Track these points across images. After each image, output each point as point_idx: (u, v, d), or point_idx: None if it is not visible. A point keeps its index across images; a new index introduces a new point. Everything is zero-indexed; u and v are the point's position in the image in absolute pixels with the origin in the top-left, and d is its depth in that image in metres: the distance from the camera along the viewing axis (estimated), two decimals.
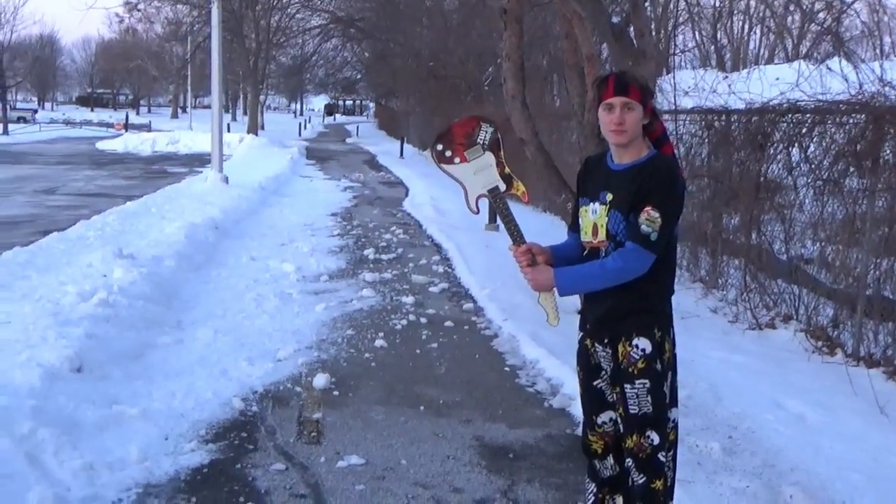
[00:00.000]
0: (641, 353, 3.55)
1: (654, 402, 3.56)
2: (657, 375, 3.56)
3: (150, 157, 36.42)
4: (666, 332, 3.61)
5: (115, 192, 20.59)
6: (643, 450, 3.61)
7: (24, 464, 4.70)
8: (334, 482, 5.00)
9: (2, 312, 7.44)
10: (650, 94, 3.61)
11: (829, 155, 8.45)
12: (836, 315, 8.10)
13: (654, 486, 3.62)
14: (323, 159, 36.50)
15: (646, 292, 3.56)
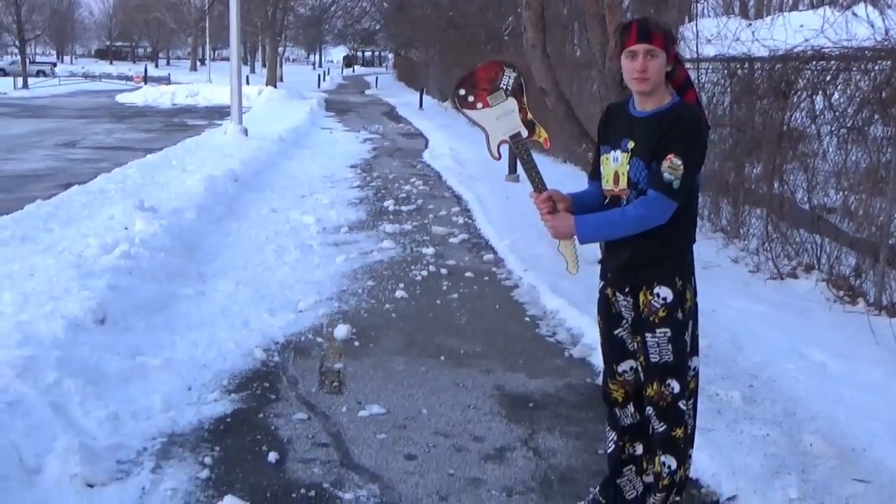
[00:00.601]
0: (662, 301, 3.53)
1: (674, 351, 3.56)
2: (678, 324, 3.55)
3: (170, 109, 36.45)
4: (687, 280, 3.59)
5: (135, 145, 20.64)
6: (664, 398, 3.62)
7: (51, 413, 4.77)
8: (356, 431, 5.05)
9: (26, 264, 7.50)
10: (673, 41, 3.54)
11: (853, 103, 8.34)
12: (859, 264, 8.05)
13: (675, 433, 3.64)
14: (342, 111, 36.38)
15: (666, 240, 3.53)
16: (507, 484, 4.45)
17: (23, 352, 5.24)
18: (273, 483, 4.40)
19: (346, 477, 4.49)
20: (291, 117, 26.84)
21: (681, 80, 3.59)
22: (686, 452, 3.72)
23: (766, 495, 4.21)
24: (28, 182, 14.47)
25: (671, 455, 3.67)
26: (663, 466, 3.69)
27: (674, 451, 3.67)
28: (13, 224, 9.25)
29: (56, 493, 4.13)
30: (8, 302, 6.33)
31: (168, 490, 4.29)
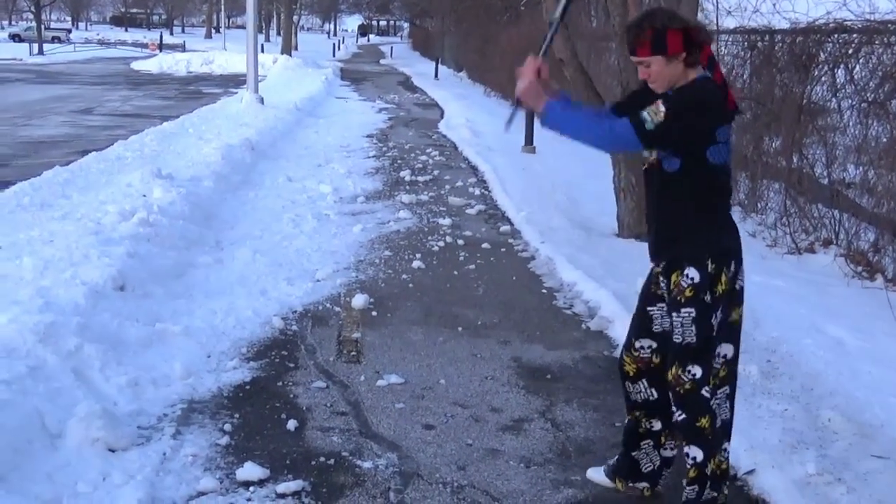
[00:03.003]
0: (690, 281, 3.48)
1: (698, 333, 3.49)
2: (705, 307, 3.48)
3: (185, 77, 36.42)
4: (724, 265, 3.50)
5: (152, 112, 20.64)
6: (681, 384, 3.56)
7: (72, 379, 4.79)
8: (374, 400, 5.07)
9: (45, 231, 7.53)
10: (660, 41, 3.39)
11: (875, 76, 8.27)
12: (878, 239, 8.01)
13: (700, 423, 3.57)
14: (357, 80, 36.29)
15: (691, 223, 3.53)
16: (524, 455, 4.46)
17: (44, 318, 5.26)
18: (292, 450, 4.42)
19: (365, 445, 4.51)
20: (307, 86, 26.80)
21: (705, 61, 3.50)
22: (716, 444, 3.61)
23: (784, 469, 4.21)
24: (45, 148, 14.49)
25: (696, 446, 3.60)
26: (687, 458, 3.64)
27: (699, 442, 3.60)
28: (32, 190, 9.28)
29: (78, 457, 4.16)
30: (28, 268, 6.36)
31: (189, 456, 4.31)
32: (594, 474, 4.22)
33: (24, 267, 6.39)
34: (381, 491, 4.06)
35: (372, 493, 4.05)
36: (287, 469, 4.22)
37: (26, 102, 22.36)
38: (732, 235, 3.61)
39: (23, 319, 5.20)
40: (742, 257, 3.62)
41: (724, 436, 3.66)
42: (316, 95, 25.00)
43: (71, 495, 3.86)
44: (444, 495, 4.04)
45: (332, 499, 3.98)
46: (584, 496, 4.09)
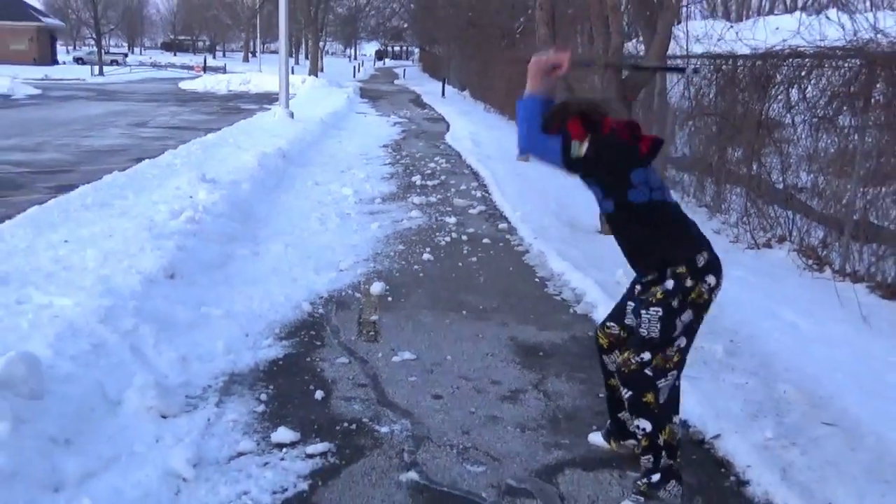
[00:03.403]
0: (663, 288, 3.48)
1: (661, 330, 3.47)
2: (671, 310, 3.46)
3: (226, 95, 36.36)
4: (700, 280, 3.48)
5: (197, 125, 20.61)
6: (628, 365, 3.55)
7: (129, 354, 4.79)
8: (390, 374, 5.06)
9: (105, 227, 7.52)
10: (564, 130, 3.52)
11: (825, 95, 8.22)
12: (826, 237, 7.98)
13: (646, 399, 3.53)
14: (375, 98, 36.22)
15: (650, 246, 3.55)
16: (520, 421, 4.45)
17: (105, 301, 5.26)
18: (320, 417, 4.41)
19: (382, 413, 4.50)
20: (331, 103, 26.74)
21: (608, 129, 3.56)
22: (663, 417, 3.56)
23: (745, 435, 4.20)
24: (105, 156, 14.48)
25: (644, 418, 3.56)
26: (638, 429, 3.60)
27: (647, 415, 3.55)
28: (94, 192, 9.27)
29: (134, 422, 4.16)
30: (91, 258, 6.35)
31: (230, 421, 4.31)
32: (595, 438, 4.22)
33: (87, 258, 6.39)
34: (396, 452, 4.05)
35: (388, 453, 4.04)
36: (315, 433, 4.21)
37: (88, 117, 22.35)
38: (695, 247, 3.55)
39: (86, 303, 5.20)
40: (721, 270, 3.59)
41: (673, 410, 3.60)
42: (339, 111, 24.94)
43: (129, 455, 3.86)
44: (451, 456, 4.03)
45: (354, 459, 3.97)
46: (571, 457, 4.07)
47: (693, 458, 3.87)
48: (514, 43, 30.56)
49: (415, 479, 3.79)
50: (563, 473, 3.91)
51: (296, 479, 3.75)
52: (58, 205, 8.46)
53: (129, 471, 3.70)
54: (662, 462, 3.59)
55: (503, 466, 3.95)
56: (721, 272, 3.58)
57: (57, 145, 15.81)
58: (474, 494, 3.68)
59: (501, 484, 3.78)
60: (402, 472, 3.84)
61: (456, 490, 3.72)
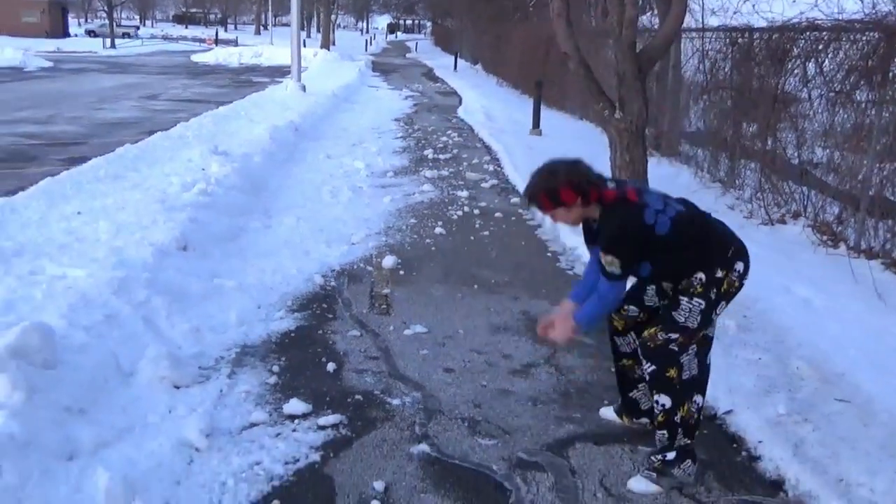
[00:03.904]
0: (699, 280, 3.44)
1: (701, 321, 3.46)
2: (711, 302, 3.45)
3: (237, 68, 36.28)
4: (730, 269, 3.47)
5: (209, 98, 20.58)
6: (654, 340, 3.50)
7: (142, 325, 4.82)
8: (402, 347, 5.07)
9: (118, 199, 7.54)
10: (554, 196, 3.46)
11: (842, 69, 8.12)
12: (841, 213, 7.92)
13: (669, 374, 3.50)
14: (386, 72, 36.07)
15: (679, 271, 3.49)
16: (531, 395, 4.45)
17: (118, 273, 5.28)
18: (331, 389, 4.42)
19: (394, 385, 4.51)
20: (343, 76, 26.65)
21: (596, 198, 3.48)
22: (686, 394, 3.53)
23: (757, 410, 4.19)
24: (117, 129, 14.49)
25: (664, 394, 3.53)
26: (657, 405, 3.57)
27: (668, 391, 3.52)
28: (106, 164, 9.29)
29: (148, 392, 4.19)
30: (104, 230, 6.37)
31: (242, 392, 4.33)
32: (606, 412, 4.22)
33: (100, 230, 6.41)
34: (407, 424, 4.06)
35: (400, 426, 4.05)
36: (327, 405, 4.23)
37: (100, 89, 22.34)
38: (731, 243, 3.54)
39: (99, 274, 5.22)
40: (748, 255, 3.56)
41: (695, 389, 3.56)
42: (351, 84, 24.85)
43: (142, 425, 3.88)
44: (462, 428, 4.04)
45: (365, 430, 3.98)
46: (582, 431, 4.08)
47: (705, 434, 3.86)
48: (528, 16, 30.36)
49: (426, 452, 3.80)
50: (574, 447, 3.91)
51: (308, 450, 3.77)
52: (70, 177, 8.48)
53: (143, 440, 3.73)
54: (678, 441, 3.57)
55: (514, 440, 3.95)
56: (748, 257, 3.56)
57: (69, 118, 15.82)
58: (485, 467, 3.69)
59: (512, 457, 3.79)
60: (414, 445, 3.85)
61: (467, 462, 3.73)
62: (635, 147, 7.92)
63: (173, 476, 3.48)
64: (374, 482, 3.51)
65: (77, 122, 15.31)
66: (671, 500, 3.51)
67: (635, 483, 3.58)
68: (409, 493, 3.46)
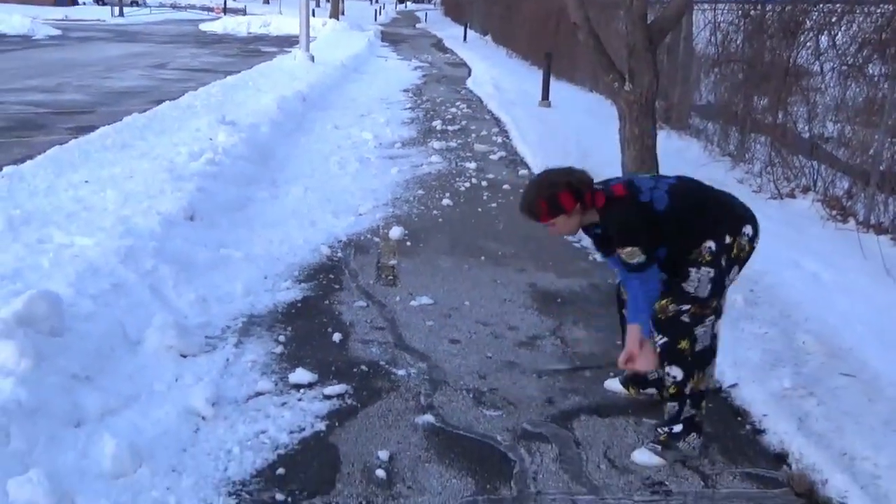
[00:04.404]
0: (709, 250, 3.41)
1: (711, 290, 3.43)
2: (721, 270, 3.42)
3: (246, 37, 36.06)
4: (738, 234, 3.44)
5: (217, 67, 20.50)
6: (665, 312, 3.48)
7: (149, 294, 4.83)
8: (408, 318, 5.08)
9: (126, 168, 7.54)
10: (554, 204, 3.45)
11: (855, 42, 8.05)
12: (851, 187, 7.88)
13: (681, 346, 3.49)
14: (396, 42, 35.85)
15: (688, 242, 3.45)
16: (537, 367, 4.46)
17: (125, 242, 5.29)
18: (337, 359, 4.44)
19: (400, 356, 4.52)
20: (352, 46, 26.49)
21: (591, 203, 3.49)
22: (697, 366, 3.52)
23: (763, 384, 4.19)
24: (125, 98, 14.45)
25: (676, 365, 3.52)
26: (668, 376, 3.57)
27: (680, 362, 3.51)
28: (114, 133, 9.28)
29: (154, 361, 4.21)
30: (112, 199, 6.38)
31: (248, 362, 4.35)
32: (611, 384, 4.23)
33: (107, 198, 6.42)
34: (413, 395, 4.08)
35: (405, 396, 4.07)
36: (333, 374, 4.24)
37: (108, 58, 22.26)
38: (736, 208, 3.53)
39: (107, 243, 5.23)
40: (756, 219, 3.53)
41: (706, 360, 3.56)
42: (360, 54, 24.70)
43: (148, 393, 3.91)
44: (468, 399, 4.06)
45: (370, 400, 4.00)
46: (587, 403, 4.09)
47: (710, 407, 3.85)
48: None
49: (431, 422, 3.82)
50: (579, 419, 3.93)
51: (313, 420, 3.79)
52: (78, 146, 8.48)
53: (149, 408, 3.75)
54: (685, 412, 3.59)
55: (519, 411, 3.97)
56: (756, 220, 3.53)
57: (77, 86, 15.79)
58: (490, 438, 3.71)
59: (517, 428, 3.80)
60: (419, 415, 3.87)
61: (471, 433, 3.75)
62: (645, 120, 7.85)
63: (179, 443, 3.50)
64: (379, 451, 3.53)
65: (85, 90, 15.28)
66: (675, 472, 3.52)
67: (639, 455, 3.60)
68: (414, 463, 3.48)
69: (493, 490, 3.31)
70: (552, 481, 3.39)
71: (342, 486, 3.29)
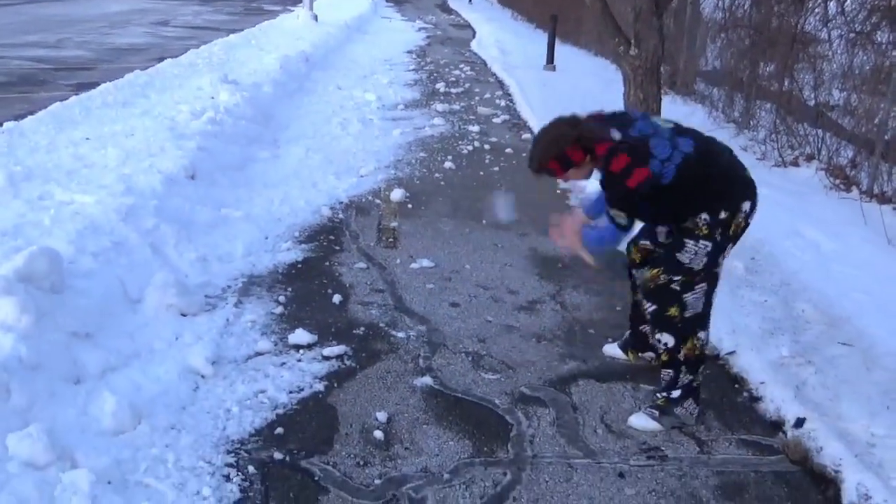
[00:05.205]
0: (704, 221, 3.36)
1: (707, 264, 3.40)
2: (717, 244, 3.39)
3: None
4: (736, 210, 3.38)
5: (220, 25, 20.32)
6: (654, 280, 3.49)
7: (150, 253, 4.83)
8: (408, 280, 5.08)
9: (127, 125, 7.50)
10: (564, 160, 3.38)
11: (864, 9, 7.97)
12: (855, 156, 7.84)
13: (670, 312, 3.48)
14: (400, 2, 35.45)
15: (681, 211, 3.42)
16: (536, 331, 4.47)
17: (126, 200, 5.27)
18: (337, 320, 4.45)
19: (399, 318, 4.53)
20: (356, 6, 26.19)
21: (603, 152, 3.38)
22: (688, 332, 3.52)
23: (761, 352, 4.20)
24: (127, 54, 14.34)
25: (667, 332, 3.53)
26: (659, 343, 3.58)
27: (670, 329, 3.52)
28: (116, 90, 9.22)
29: (154, 319, 4.21)
30: (113, 157, 6.35)
31: (248, 322, 4.36)
32: (609, 349, 4.24)
33: (108, 156, 6.39)
34: (412, 357, 4.09)
35: (404, 358, 4.08)
36: (332, 336, 4.26)
37: (110, 14, 22.06)
38: (737, 183, 3.44)
39: (107, 201, 5.22)
40: (756, 194, 3.47)
41: (698, 326, 3.54)
42: (364, 15, 24.46)
43: (148, 351, 3.92)
44: (466, 363, 4.07)
45: (369, 362, 4.02)
46: (585, 368, 4.10)
47: (707, 374, 3.87)
48: None
49: (429, 384, 3.83)
50: (577, 384, 3.94)
51: (312, 380, 3.81)
52: (79, 102, 8.44)
53: (149, 366, 3.77)
54: (682, 378, 3.59)
55: (517, 375, 3.98)
56: (755, 195, 3.47)
57: (78, 42, 15.66)
58: (487, 401, 3.73)
59: (515, 392, 3.82)
60: (417, 377, 3.89)
61: (469, 396, 3.77)
62: (649, 84, 7.79)
63: (179, 402, 3.52)
64: (377, 413, 3.55)
65: (86, 46, 15.16)
66: (671, 437, 3.54)
67: (636, 419, 3.61)
68: (412, 425, 3.50)
69: (490, 453, 3.34)
70: (549, 445, 3.42)
71: (340, 447, 3.31)
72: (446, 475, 3.17)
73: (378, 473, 3.16)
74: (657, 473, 3.29)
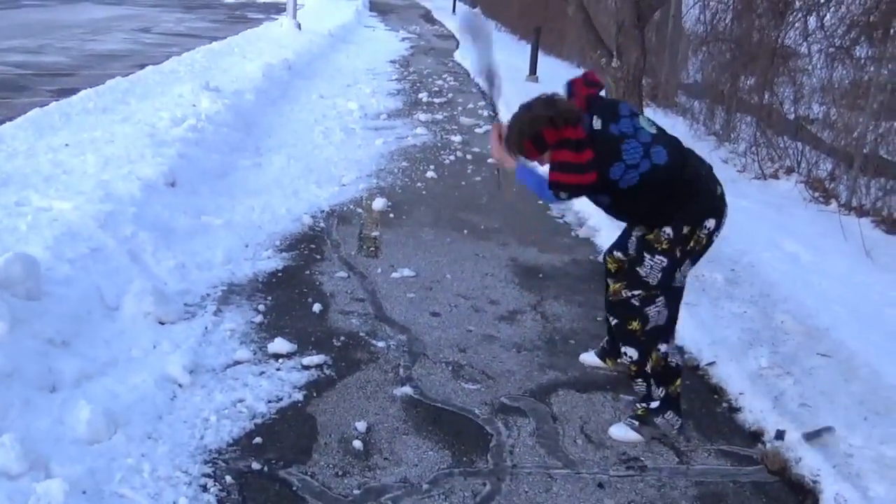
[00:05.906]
0: (666, 237, 3.37)
1: (661, 279, 3.42)
2: (675, 260, 3.40)
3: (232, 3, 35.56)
4: (698, 227, 3.37)
5: (202, 33, 20.25)
6: (616, 295, 3.54)
7: (128, 260, 4.79)
8: (389, 289, 5.06)
9: (107, 132, 7.44)
10: (539, 142, 3.35)
11: (843, 24, 8.04)
12: (834, 169, 7.91)
13: (631, 326, 3.52)
14: (384, 12, 35.50)
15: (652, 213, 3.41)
16: (517, 341, 4.47)
17: (104, 206, 5.23)
18: (317, 329, 4.43)
19: (380, 328, 4.51)
20: (340, 15, 26.20)
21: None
22: (651, 345, 3.54)
23: (740, 363, 4.22)
24: (108, 61, 14.26)
25: (630, 346, 3.57)
26: (625, 356, 3.63)
27: (633, 342, 3.56)
28: (96, 96, 9.16)
29: (132, 327, 4.18)
30: (92, 163, 6.31)
31: (227, 330, 4.33)
32: (587, 357, 4.24)
33: (87, 162, 6.34)
34: (392, 366, 4.08)
35: (384, 367, 4.06)
36: (311, 345, 4.23)
37: (92, 20, 21.95)
38: (703, 200, 3.42)
39: (86, 208, 5.18)
40: (725, 212, 3.46)
41: (658, 338, 3.54)
42: (347, 24, 24.43)
43: (126, 359, 3.89)
44: (447, 372, 4.06)
45: (349, 371, 4.00)
46: (566, 378, 4.10)
47: (687, 384, 3.87)
48: None
49: (409, 394, 3.82)
50: (557, 394, 3.94)
51: (291, 389, 3.78)
52: (59, 108, 8.36)
53: (126, 375, 3.73)
54: (655, 391, 3.61)
55: (497, 385, 3.97)
56: (723, 212, 3.46)
57: (60, 48, 15.56)
58: (467, 411, 3.72)
59: (495, 402, 3.81)
60: (397, 387, 3.87)
61: (449, 406, 3.75)
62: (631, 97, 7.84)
63: (156, 410, 3.48)
64: (357, 422, 3.53)
65: (67, 52, 15.06)
66: (650, 448, 3.54)
67: (616, 430, 3.61)
68: (391, 434, 3.48)
69: (470, 463, 3.32)
70: (528, 455, 3.41)
71: (319, 457, 3.29)
72: (426, 485, 3.16)
73: (357, 483, 3.14)
74: (636, 484, 3.29)
